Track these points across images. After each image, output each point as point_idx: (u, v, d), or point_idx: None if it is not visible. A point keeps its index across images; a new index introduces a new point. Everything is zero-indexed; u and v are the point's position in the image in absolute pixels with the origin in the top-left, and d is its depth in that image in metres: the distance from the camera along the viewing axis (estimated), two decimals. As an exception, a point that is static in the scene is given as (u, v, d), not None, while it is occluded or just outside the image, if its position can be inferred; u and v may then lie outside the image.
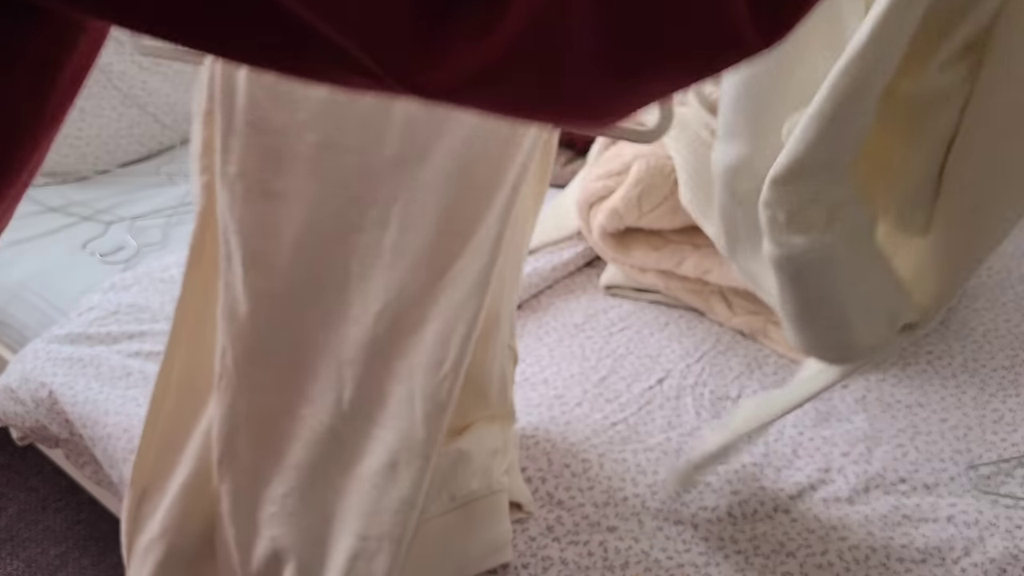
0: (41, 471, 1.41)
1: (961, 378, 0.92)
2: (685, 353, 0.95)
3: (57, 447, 1.03)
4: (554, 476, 0.79)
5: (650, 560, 0.71)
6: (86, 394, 0.93)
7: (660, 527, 0.74)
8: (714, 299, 0.99)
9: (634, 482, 0.78)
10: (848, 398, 0.89)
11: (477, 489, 0.71)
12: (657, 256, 0.99)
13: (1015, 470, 0.80)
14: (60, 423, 0.97)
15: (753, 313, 0.97)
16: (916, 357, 0.95)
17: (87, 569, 1.27)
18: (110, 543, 1.30)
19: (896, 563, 0.70)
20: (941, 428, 0.85)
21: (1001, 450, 0.82)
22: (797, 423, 0.85)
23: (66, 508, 1.36)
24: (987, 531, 0.73)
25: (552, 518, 0.75)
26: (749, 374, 0.92)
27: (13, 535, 1.32)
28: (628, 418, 0.86)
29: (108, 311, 1.06)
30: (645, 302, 1.04)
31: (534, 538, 0.73)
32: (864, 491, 0.77)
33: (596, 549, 0.72)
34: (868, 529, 0.73)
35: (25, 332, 1.15)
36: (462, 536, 0.70)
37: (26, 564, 1.27)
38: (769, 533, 0.73)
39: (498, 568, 0.71)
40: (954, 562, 0.70)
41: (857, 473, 0.79)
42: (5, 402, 1.01)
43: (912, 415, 0.86)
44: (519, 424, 0.81)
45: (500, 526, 0.71)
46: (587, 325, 1.00)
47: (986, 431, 0.84)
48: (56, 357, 0.99)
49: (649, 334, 0.99)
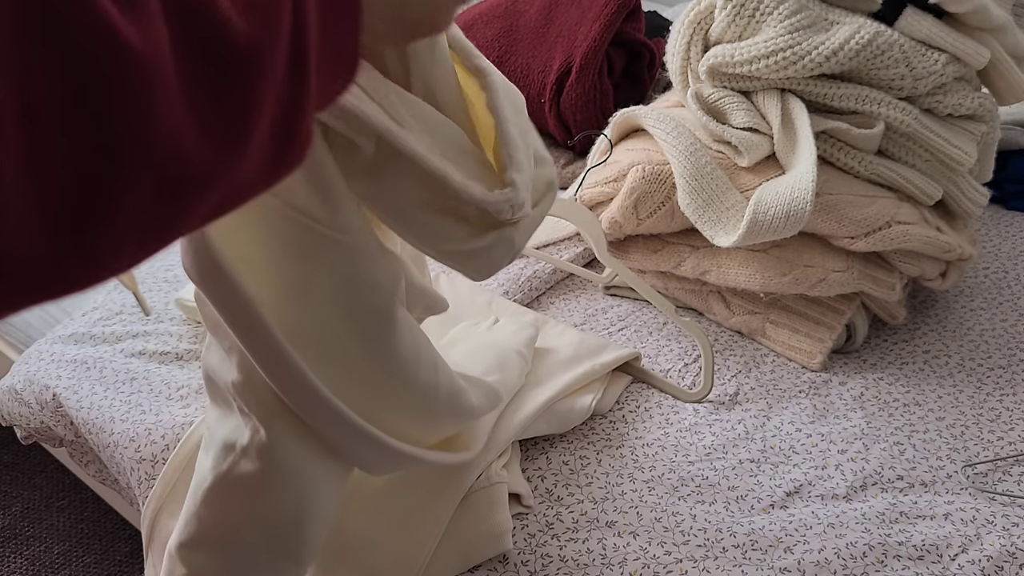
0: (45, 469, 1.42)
1: (958, 377, 0.92)
2: (683, 352, 0.96)
3: (61, 447, 1.04)
4: (553, 473, 0.80)
5: (648, 556, 0.71)
6: (91, 399, 0.94)
7: (658, 519, 0.74)
8: (712, 299, 1.00)
9: (632, 478, 0.79)
10: (845, 396, 0.89)
11: (476, 482, 0.72)
12: (655, 258, 1.00)
13: (1012, 468, 0.80)
14: (65, 425, 0.98)
15: (751, 313, 0.97)
16: (913, 356, 0.96)
17: (90, 567, 1.27)
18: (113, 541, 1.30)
19: (893, 560, 0.71)
20: (938, 426, 0.85)
21: (998, 448, 0.82)
22: (794, 420, 0.86)
23: (70, 506, 1.37)
24: (984, 529, 0.73)
25: (551, 515, 0.75)
26: (747, 373, 0.93)
27: (17, 533, 1.32)
28: (627, 415, 0.87)
29: (112, 311, 1.07)
30: (644, 302, 1.05)
31: (533, 535, 0.74)
32: (861, 488, 0.78)
33: (595, 546, 0.72)
34: (865, 526, 0.74)
35: (29, 331, 1.15)
36: (462, 527, 0.70)
37: (29, 562, 1.28)
38: (766, 529, 0.73)
39: (498, 564, 0.71)
40: (951, 559, 0.71)
41: (854, 470, 0.80)
42: (10, 403, 1.02)
43: (909, 413, 0.87)
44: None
45: (499, 515, 0.71)
46: (586, 325, 1.01)
47: (983, 429, 0.85)
48: (60, 359, 1.00)
49: (648, 334, 0.99)
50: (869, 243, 0.88)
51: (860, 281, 0.91)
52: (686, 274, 0.98)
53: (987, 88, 0.95)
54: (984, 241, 1.15)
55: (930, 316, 1.02)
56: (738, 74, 0.91)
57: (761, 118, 0.91)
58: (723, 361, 0.95)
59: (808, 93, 0.89)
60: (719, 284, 0.97)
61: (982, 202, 0.96)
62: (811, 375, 0.93)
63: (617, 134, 1.04)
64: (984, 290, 1.06)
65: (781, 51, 0.86)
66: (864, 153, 0.90)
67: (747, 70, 0.88)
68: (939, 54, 0.86)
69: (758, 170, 0.91)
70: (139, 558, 1.28)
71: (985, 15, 0.85)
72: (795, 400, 0.89)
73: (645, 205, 0.96)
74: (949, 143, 0.89)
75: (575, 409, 0.83)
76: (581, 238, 1.14)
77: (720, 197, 0.89)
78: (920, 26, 0.86)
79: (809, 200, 0.81)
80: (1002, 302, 1.04)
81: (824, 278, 0.90)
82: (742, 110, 0.91)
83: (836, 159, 0.91)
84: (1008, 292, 1.06)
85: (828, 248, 0.91)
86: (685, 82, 0.98)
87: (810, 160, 0.84)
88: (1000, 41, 0.90)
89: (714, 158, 0.92)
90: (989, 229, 1.18)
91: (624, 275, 0.95)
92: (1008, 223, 1.19)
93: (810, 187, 0.82)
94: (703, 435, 0.84)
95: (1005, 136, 1.19)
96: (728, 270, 0.94)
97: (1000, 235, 1.17)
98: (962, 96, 0.90)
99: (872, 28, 0.85)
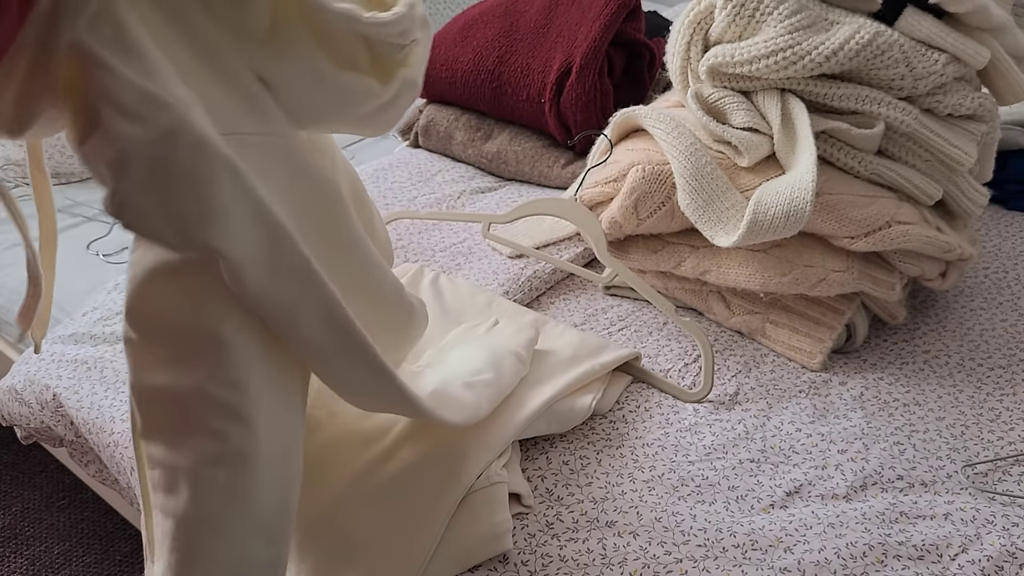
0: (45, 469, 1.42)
1: (958, 377, 0.92)
2: (683, 352, 0.96)
3: (61, 447, 1.04)
4: (553, 473, 0.80)
5: (648, 556, 0.71)
6: (91, 399, 0.94)
7: (658, 519, 0.74)
8: (712, 299, 1.00)
9: (632, 478, 0.79)
10: (845, 396, 0.89)
11: (476, 482, 0.72)
12: (655, 258, 1.00)
13: (1012, 468, 0.80)
14: (65, 425, 0.98)
15: (751, 313, 0.97)
16: (913, 356, 0.96)
17: (90, 567, 1.27)
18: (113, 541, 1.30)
19: (893, 560, 0.71)
20: (938, 426, 0.85)
21: (998, 448, 0.82)
22: (794, 420, 0.86)
23: (70, 506, 1.37)
24: (984, 528, 0.73)
25: (551, 515, 0.75)
26: (747, 372, 0.93)
27: (17, 533, 1.33)
28: (627, 415, 0.87)
29: (112, 311, 1.07)
30: (644, 302, 1.05)
31: (533, 535, 0.74)
32: (861, 488, 0.78)
33: (595, 546, 0.72)
34: (865, 526, 0.74)
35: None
36: (462, 527, 0.70)
37: (30, 562, 1.28)
38: (766, 529, 0.74)
39: (498, 564, 0.71)
40: (951, 559, 0.71)
41: (854, 470, 0.80)
42: (10, 403, 1.02)
43: (909, 413, 0.87)
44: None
45: (499, 515, 0.71)
46: (586, 325, 1.01)
47: (983, 429, 0.85)
48: (60, 359, 1.00)
49: (648, 334, 0.99)
50: (869, 243, 0.88)
51: (860, 281, 0.91)
52: (686, 274, 0.98)
53: (987, 88, 0.95)
54: (984, 241, 1.15)
55: (930, 316, 1.02)
56: (738, 74, 0.91)
57: (761, 118, 0.91)
58: (723, 361, 0.95)
59: (808, 93, 0.89)
60: (719, 284, 0.97)
61: (982, 202, 0.96)
62: (811, 375, 0.93)
63: (617, 134, 1.04)
64: (984, 290, 1.06)
65: (781, 51, 0.86)
66: (864, 153, 0.90)
67: (747, 70, 0.88)
68: (939, 54, 0.86)
69: (758, 170, 0.91)
70: (139, 558, 1.28)
71: (985, 15, 0.85)
72: (795, 400, 0.89)
73: (645, 205, 0.96)
74: (949, 143, 0.89)
75: (575, 409, 0.83)
76: (581, 238, 1.14)
77: (720, 197, 0.89)
78: (920, 26, 0.86)
79: (809, 200, 0.81)
80: (1002, 302, 1.04)
81: (824, 278, 0.90)
82: (742, 110, 0.91)
83: (836, 159, 0.91)
84: (1008, 292, 1.06)
85: (828, 248, 0.91)
86: (685, 82, 0.98)
87: (810, 160, 0.84)
88: (1000, 41, 0.90)
89: (714, 158, 0.92)
90: (989, 229, 1.18)
91: (624, 275, 0.95)
92: (1008, 223, 1.19)
93: (810, 187, 0.82)
94: (703, 435, 0.84)
95: (1005, 136, 1.19)
96: (728, 270, 0.94)
97: (1000, 235, 1.17)
98: (962, 96, 0.90)
99: (872, 28, 0.85)
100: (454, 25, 1.42)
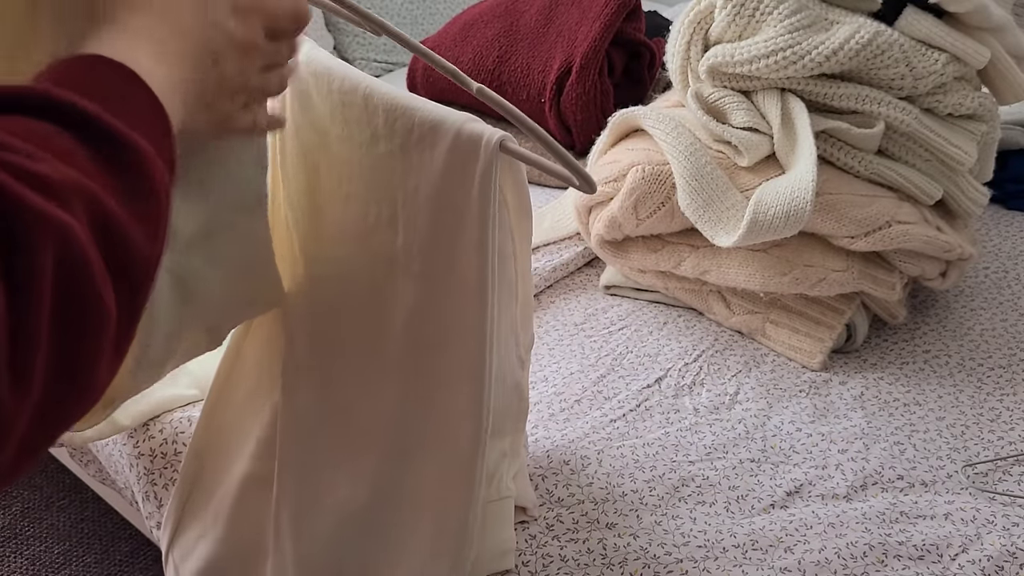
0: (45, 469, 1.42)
1: (958, 377, 0.92)
2: (683, 352, 0.96)
3: (61, 446, 1.04)
4: (553, 473, 0.80)
5: (648, 556, 0.71)
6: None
7: (658, 522, 0.74)
8: (712, 299, 1.00)
9: (632, 478, 0.79)
10: (846, 395, 0.89)
11: (486, 494, 0.70)
12: (656, 258, 1.00)
13: (1012, 468, 0.80)
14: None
15: (751, 312, 0.97)
16: (913, 356, 0.96)
17: (90, 567, 1.27)
18: (113, 541, 1.30)
19: (894, 560, 0.71)
20: (938, 426, 0.85)
21: (998, 448, 0.82)
22: (795, 420, 0.86)
23: (70, 506, 1.37)
24: (984, 528, 0.73)
25: (552, 516, 0.75)
26: (747, 372, 0.93)
27: (17, 533, 1.33)
28: (627, 415, 0.87)
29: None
30: (644, 302, 1.05)
31: (534, 536, 0.74)
32: (861, 488, 0.78)
33: (595, 546, 0.72)
34: (865, 526, 0.74)
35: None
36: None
37: (30, 562, 1.28)
38: (766, 529, 0.73)
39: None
40: (951, 559, 0.71)
41: (855, 470, 0.80)
42: (10, 401, 1.02)
43: (909, 413, 0.87)
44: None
45: (505, 532, 0.70)
46: (587, 324, 1.01)
47: (983, 429, 0.85)
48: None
49: (648, 333, 0.99)
50: (869, 243, 0.88)
51: (860, 281, 0.91)
52: (686, 274, 0.98)
53: (987, 88, 0.95)
54: (984, 241, 1.15)
55: (930, 316, 1.02)
56: (738, 74, 0.91)
57: (761, 118, 0.91)
58: (723, 361, 0.95)
59: (808, 93, 0.89)
60: (719, 284, 0.97)
61: (982, 202, 0.95)
62: (811, 375, 0.93)
63: (617, 134, 1.04)
64: (984, 290, 1.06)
65: (781, 51, 0.86)
66: (864, 153, 0.90)
67: (747, 70, 0.88)
68: (939, 54, 0.86)
69: (758, 170, 0.91)
70: (139, 558, 1.28)
71: (985, 15, 0.85)
72: (795, 400, 0.89)
73: (645, 205, 0.96)
74: (949, 143, 0.89)
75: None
76: (581, 238, 1.14)
77: (720, 197, 0.89)
78: (920, 26, 0.86)
79: (809, 200, 0.81)
80: (1002, 302, 1.04)
81: (824, 278, 0.90)
82: (742, 110, 0.91)
83: (836, 159, 0.91)
84: (1008, 292, 1.06)
85: (828, 248, 0.91)
86: (685, 82, 0.98)
87: (810, 160, 0.84)
88: (1000, 41, 0.90)
89: (714, 158, 0.92)
90: (989, 229, 1.18)
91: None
92: (1008, 223, 1.19)
93: (810, 187, 0.82)
94: (703, 435, 0.84)
95: (1005, 136, 1.19)
96: (728, 270, 0.94)
97: (1000, 235, 1.17)
98: (962, 96, 0.90)
99: (872, 28, 0.85)
100: (454, 25, 1.42)
